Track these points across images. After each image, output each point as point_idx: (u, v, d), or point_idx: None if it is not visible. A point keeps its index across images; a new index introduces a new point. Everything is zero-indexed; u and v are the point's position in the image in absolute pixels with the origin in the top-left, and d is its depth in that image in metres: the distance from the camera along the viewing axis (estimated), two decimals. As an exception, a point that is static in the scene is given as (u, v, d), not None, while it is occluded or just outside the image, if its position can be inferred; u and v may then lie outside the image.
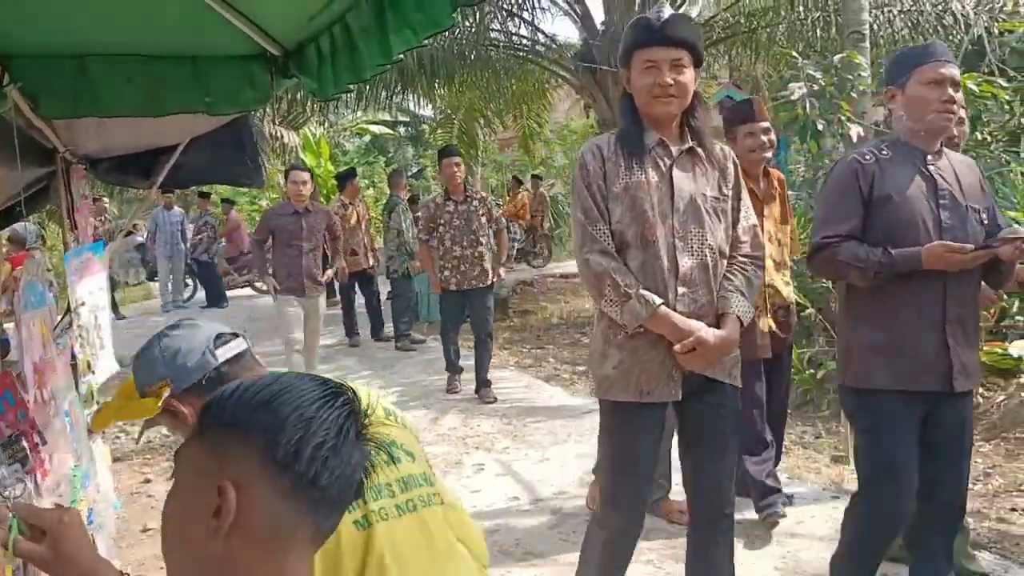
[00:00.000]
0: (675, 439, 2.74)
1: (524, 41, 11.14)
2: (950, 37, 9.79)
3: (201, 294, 13.60)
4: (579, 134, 19.36)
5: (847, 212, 2.52)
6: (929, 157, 2.56)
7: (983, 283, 2.69)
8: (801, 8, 10.28)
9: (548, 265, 15.32)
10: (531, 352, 8.44)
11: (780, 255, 3.69)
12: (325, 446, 0.90)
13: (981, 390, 4.96)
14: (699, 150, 2.49)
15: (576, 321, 10.27)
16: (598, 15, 10.67)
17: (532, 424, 5.61)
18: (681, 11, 11.48)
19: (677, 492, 3.46)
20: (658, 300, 2.35)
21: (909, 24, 10.09)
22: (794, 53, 8.15)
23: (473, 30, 10.36)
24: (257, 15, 2.30)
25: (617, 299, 2.37)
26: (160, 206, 12.86)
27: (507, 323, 10.18)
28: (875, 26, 9.51)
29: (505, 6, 10.66)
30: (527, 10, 10.90)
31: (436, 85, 11.16)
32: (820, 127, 6.14)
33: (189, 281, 13.84)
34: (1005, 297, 4.31)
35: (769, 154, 3.62)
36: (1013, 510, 3.78)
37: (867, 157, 2.55)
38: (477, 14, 10.09)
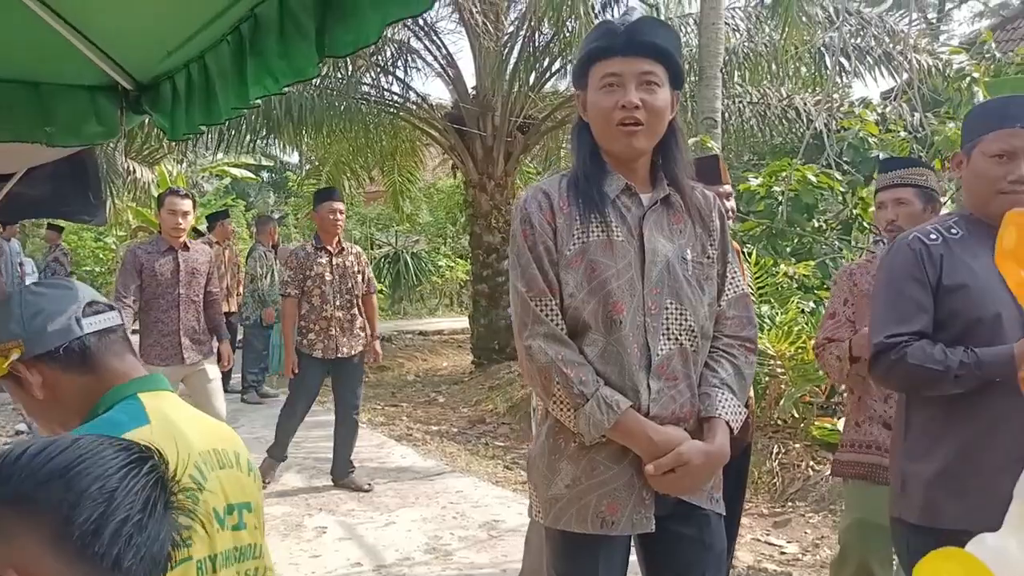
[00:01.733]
0: None
1: (396, 97, 11.19)
2: (793, 129, 10.60)
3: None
4: (446, 193, 19.55)
5: (914, 305, 1.97)
6: None
7: None
8: (661, 92, 10.84)
9: (409, 321, 15.18)
10: (384, 410, 8.28)
11: None
12: (129, 522, 0.79)
13: (812, 463, 5.23)
14: (677, 198, 1.91)
15: (432, 379, 10.20)
16: (470, 80, 10.89)
17: (380, 485, 5.46)
18: (548, 85, 11.91)
19: None
20: (625, 403, 1.77)
21: (757, 115, 10.85)
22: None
23: (344, 82, 10.33)
24: (111, 45, 2.19)
25: (569, 401, 1.78)
26: None
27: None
28: (727, 114, 10.17)
29: (379, 61, 10.70)
30: (400, 67, 10.99)
31: (303, 133, 11.00)
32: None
33: None
34: None
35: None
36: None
37: (932, 237, 2.01)
38: (349, 66, 10.07)
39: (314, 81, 10.18)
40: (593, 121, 1.87)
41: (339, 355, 5.33)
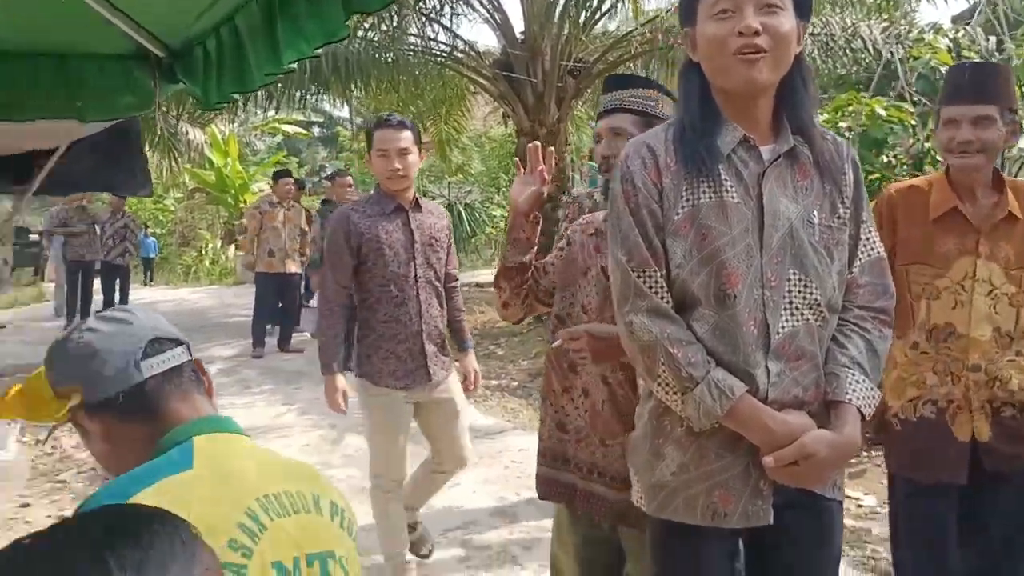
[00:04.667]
0: None
1: (443, 47, 10.97)
2: (859, 60, 10.09)
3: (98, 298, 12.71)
4: (497, 142, 19.32)
5: None
6: None
7: None
8: (718, 26, 10.42)
9: (464, 273, 15.11)
10: (443, 366, 8.24)
11: (1012, 321, 2.30)
12: None
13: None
14: (804, 151, 1.65)
15: (490, 332, 10.12)
16: (518, 24, 10.59)
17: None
18: (598, 26, 11.52)
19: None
20: (740, 388, 1.55)
21: (820, 46, 10.34)
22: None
23: (390, 33, 10.14)
24: (138, 9, 2.06)
25: (676, 384, 1.56)
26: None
27: (420, 334, 9.93)
28: (789, 47, 9.70)
29: (423, 10, 10.46)
30: (446, 15, 10.75)
31: (352, 87, 10.87)
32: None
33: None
34: None
35: (975, 160, 2.28)
36: None
37: None
38: (395, 17, 9.87)
39: (360, 33, 10.03)
40: (705, 56, 1.60)
41: None
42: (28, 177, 3.17)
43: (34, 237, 15.97)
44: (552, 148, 2.48)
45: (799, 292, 1.60)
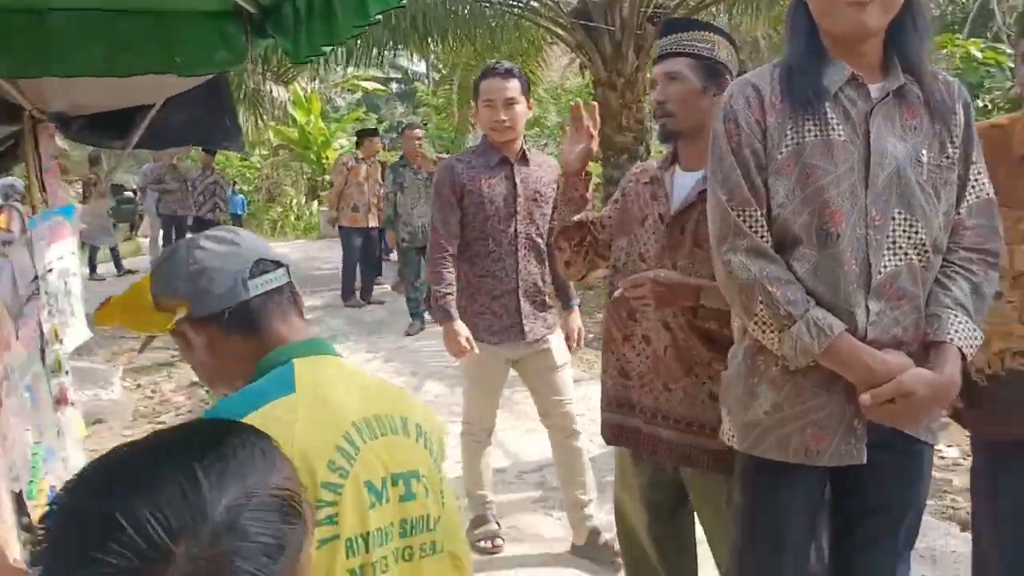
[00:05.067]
0: None
1: (519, -3, 10.89)
2: (953, 0, 9.63)
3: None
4: (574, 93, 19.10)
5: None
6: None
7: None
8: (804, -32, 10.04)
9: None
10: (521, 317, 8.34)
11: None
12: None
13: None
14: (914, 89, 1.63)
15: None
16: (596, -28, 10.40)
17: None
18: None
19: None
20: (839, 326, 1.55)
21: (913, -13, 9.89)
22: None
23: (466, -15, 10.12)
24: (230, -32, 2.15)
25: (774, 322, 1.58)
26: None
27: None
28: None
29: (500, -39, 10.39)
30: (523, -35, 10.64)
31: (429, 41, 10.92)
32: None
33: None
34: None
35: None
36: None
37: None
38: (471, -32, 9.83)
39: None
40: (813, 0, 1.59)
41: None
42: (128, 132, 3.34)
43: (128, 194, 16.61)
44: (595, 103, 2.49)
45: (903, 232, 1.59)
